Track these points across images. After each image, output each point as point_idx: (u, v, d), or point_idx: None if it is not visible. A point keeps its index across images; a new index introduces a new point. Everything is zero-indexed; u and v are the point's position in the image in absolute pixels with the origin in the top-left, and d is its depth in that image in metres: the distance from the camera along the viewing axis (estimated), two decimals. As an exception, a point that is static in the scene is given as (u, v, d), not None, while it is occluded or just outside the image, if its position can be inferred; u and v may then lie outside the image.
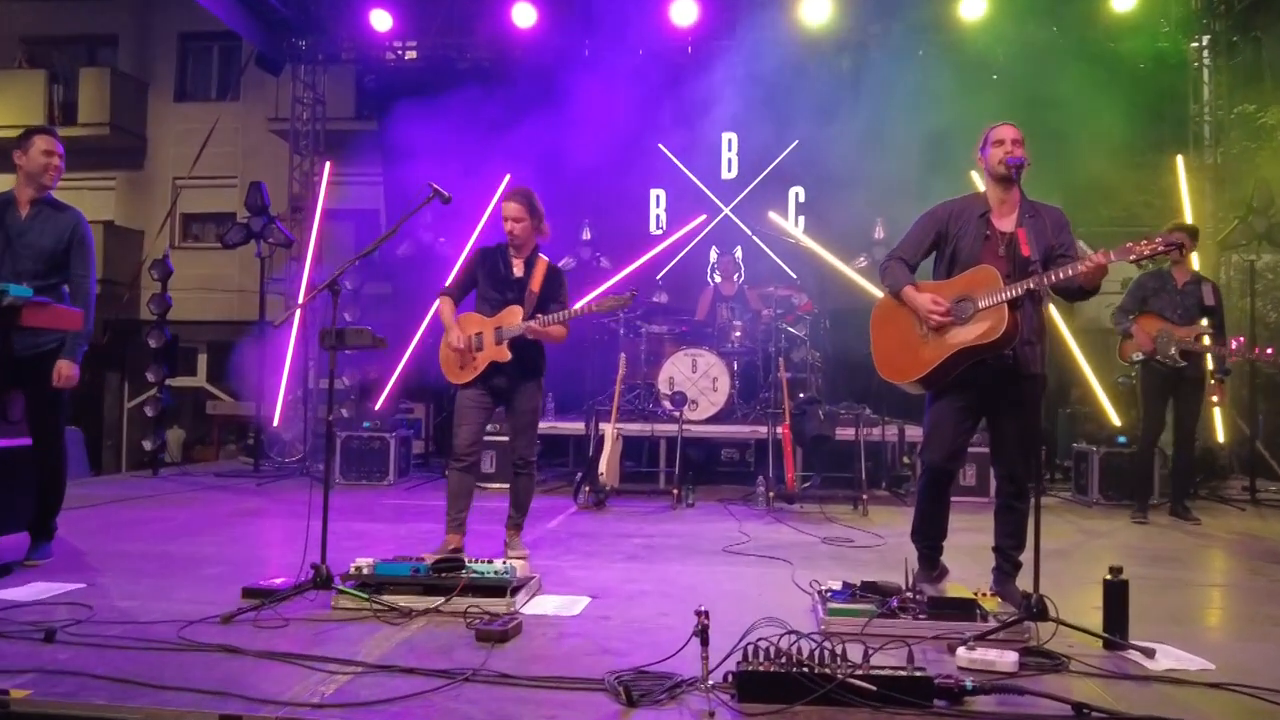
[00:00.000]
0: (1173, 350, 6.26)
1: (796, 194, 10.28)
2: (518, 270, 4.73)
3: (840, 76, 9.58)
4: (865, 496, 6.79)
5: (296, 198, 10.92)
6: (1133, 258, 3.49)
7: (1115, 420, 7.87)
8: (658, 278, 9.81)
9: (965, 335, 3.73)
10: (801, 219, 10.22)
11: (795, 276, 9.73)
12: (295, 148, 10.97)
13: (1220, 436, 8.52)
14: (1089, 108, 8.88)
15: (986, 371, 3.78)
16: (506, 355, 4.61)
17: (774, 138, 9.99)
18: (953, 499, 4.10)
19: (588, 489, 6.85)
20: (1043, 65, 9.19)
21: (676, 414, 7.57)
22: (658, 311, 8.95)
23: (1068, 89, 8.84)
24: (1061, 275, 3.60)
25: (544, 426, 8.13)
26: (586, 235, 9.49)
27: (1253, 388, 8.21)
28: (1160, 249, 3.44)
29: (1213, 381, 6.45)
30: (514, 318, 4.62)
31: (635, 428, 7.75)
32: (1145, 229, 8.88)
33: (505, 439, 7.83)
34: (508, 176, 9.34)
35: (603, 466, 6.79)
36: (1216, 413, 8.50)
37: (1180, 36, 9.79)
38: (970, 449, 6.75)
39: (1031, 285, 3.59)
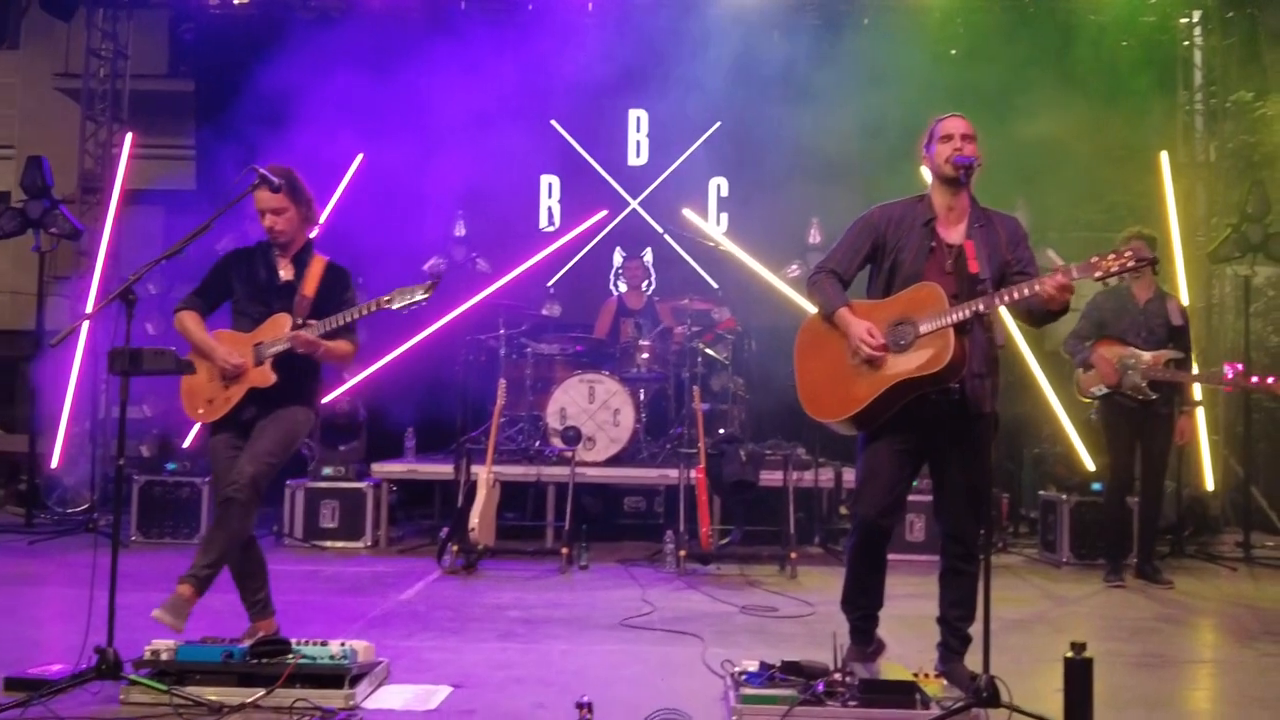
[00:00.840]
0: (1140, 381, 6.54)
1: (718, 186, 10.40)
2: (285, 273, 4.55)
3: (772, 47, 9.77)
4: (794, 555, 6.89)
5: (89, 176, 10.58)
6: (1098, 274, 3.62)
7: (1089, 464, 8.18)
8: (548, 285, 9.75)
9: (904, 365, 3.84)
10: (724, 217, 10.35)
11: (716, 287, 9.84)
12: (89, 112, 10.64)
13: (1210, 483, 8.93)
14: (1064, 91, 9.28)
15: (929, 409, 3.88)
16: (270, 378, 4.39)
17: (692, 118, 10.10)
18: (897, 557, 4.23)
19: (455, 548, 6.80)
20: (1010, 40, 9.55)
21: (569, 454, 7.58)
22: (547, 327, 8.95)
23: (1039, 69, 9.21)
24: (1017, 295, 3.72)
25: (401, 470, 8.06)
26: (460, 231, 9.45)
27: (1248, 423, 8.63)
28: (1131, 264, 3.58)
29: (1181, 414, 6.73)
30: (279, 328, 4.44)
31: (517, 471, 7.73)
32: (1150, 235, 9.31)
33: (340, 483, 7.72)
34: (360, 156, 9.25)
35: (474, 520, 6.75)
36: (1206, 455, 8.91)
37: (1168, 10, 10.32)
38: (916, 497, 7.00)
39: (981, 308, 3.71)
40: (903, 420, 3.90)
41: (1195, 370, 7.18)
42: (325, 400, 8.16)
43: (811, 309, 4.21)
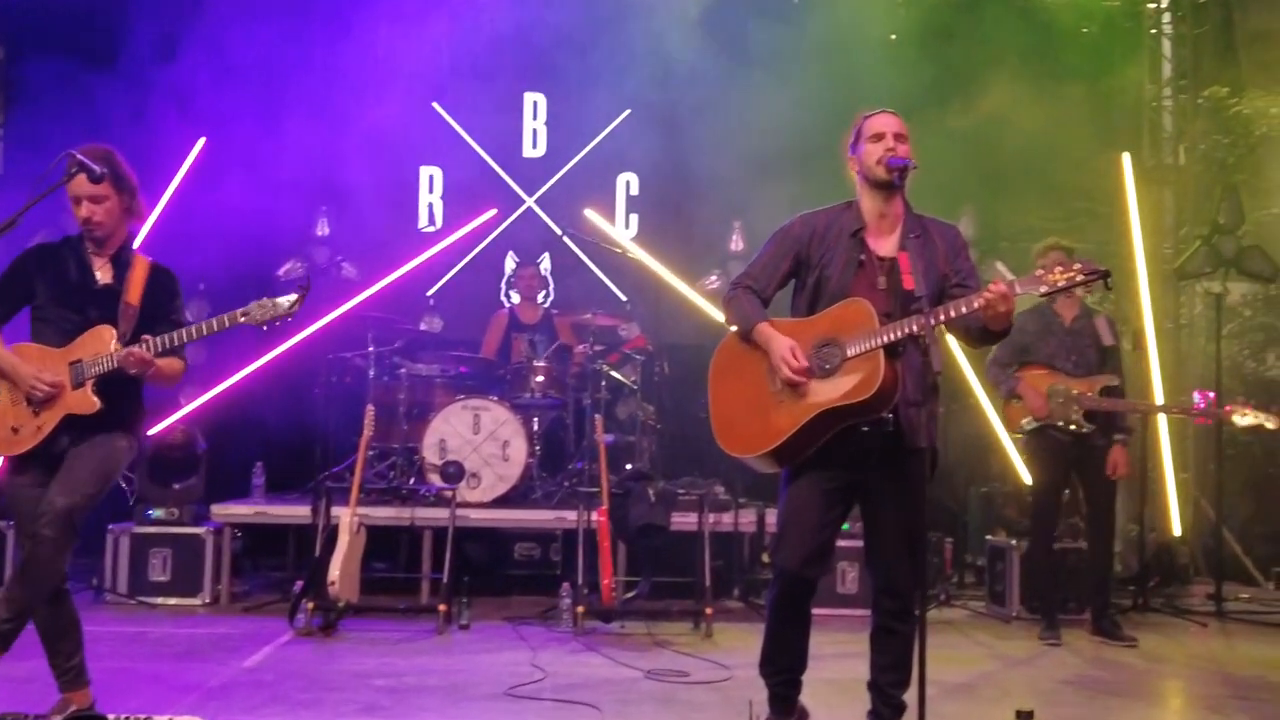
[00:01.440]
0: (1074, 412, 6.73)
1: (627, 183, 10.46)
2: (102, 275, 4.46)
3: (690, 27, 9.88)
4: (709, 611, 6.90)
5: None
6: (1044, 289, 3.72)
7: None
8: (427, 295, 9.72)
9: (829, 392, 3.91)
10: (634, 219, 10.41)
11: (624, 299, 9.89)
12: None
13: (1178, 527, 9.21)
14: (1017, 83, 9.52)
15: (860, 441, 3.95)
16: (93, 403, 4.28)
17: (599, 103, 10.15)
18: (826, 612, 4.29)
19: (311, 606, 6.69)
20: (956, 24, 9.80)
21: (449, 494, 7.53)
22: (426, 344, 8.90)
23: (989, 57, 9.46)
24: (954, 313, 3.82)
25: (248, 512, 7.93)
26: (323, 230, 9.36)
27: (1220, 459, 8.91)
28: (1081, 278, 3.68)
29: (1114, 444, 6.92)
30: (100, 343, 4.32)
31: (387, 514, 7.66)
32: (1093, 244, 9.59)
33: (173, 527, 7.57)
34: (202, 140, 9.10)
35: (334, 572, 6.66)
36: (1173, 496, 9.19)
37: (1134, -8, 10.70)
38: (848, 542, 7.10)
39: (914, 328, 3.80)
40: (830, 455, 3.96)
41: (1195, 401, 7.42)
42: (156, 429, 8.03)
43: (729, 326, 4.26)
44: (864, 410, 3.87)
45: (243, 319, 4.21)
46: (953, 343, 8.75)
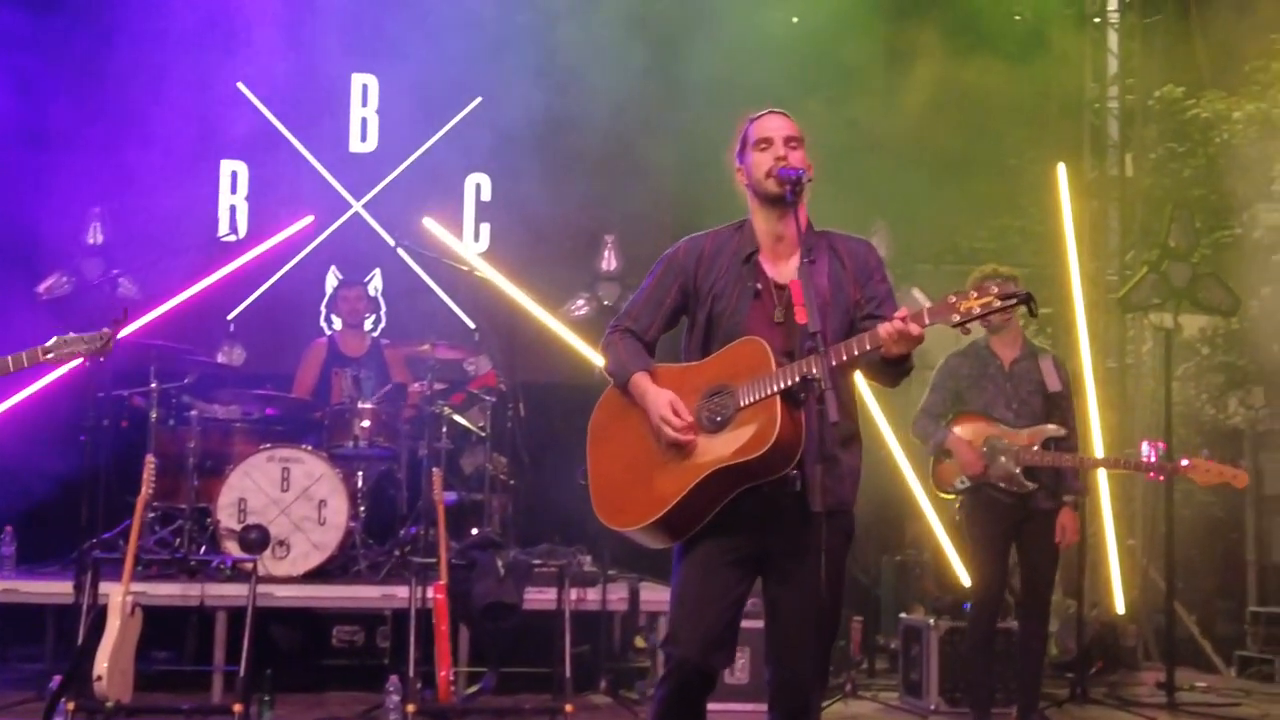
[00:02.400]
0: (1013, 468, 6.81)
1: (477, 186, 10.43)
2: None
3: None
4: (570, 708, 6.85)
5: None
6: (956, 319, 3.75)
7: (964, 578, 8.49)
8: (228, 319, 9.57)
9: (721, 449, 3.90)
10: (485, 229, 10.38)
11: (472, 328, 9.82)
12: None
13: (1122, 604, 9.37)
14: (940, 79, 9.72)
15: (762, 504, 3.94)
16: None
17: (443, 88, 10.10)
18: (715, 706, 4.23)
19: (71, 706, 6.48)
20: (871, 8, 9.95)
21: (249, 565, 7.33)
22: (224, 380, 8.75)
23: (907, 48, 9.64)
24: (856, 351, 3.84)
25: (-4, 590, 7.67)
26: (96, 237, 9.15)
27: (1172, 523, 9.08)
28: (998, 305, 3.71)
29: (1063, 507, 7.02)
30: None
31: (170, 592, 7.48)
32: (1027, 268, 9.76)
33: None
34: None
35: (101, 664, 6.45)
36: (1115, 566, 9.35)
37: (1075, -23, 10.99)
38: (745, 623, 7.08)
39: (810, 371, 3.78)
40: (731, 522, 3.95)
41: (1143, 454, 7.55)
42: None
43: (601, 360, 4.26)
44: (761, 469, 3.85)
45: (46, 357, 4.13)
46: (862, 385, 8.89)
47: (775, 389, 3.84)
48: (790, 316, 3.96)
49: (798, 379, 3.80)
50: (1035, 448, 6.73)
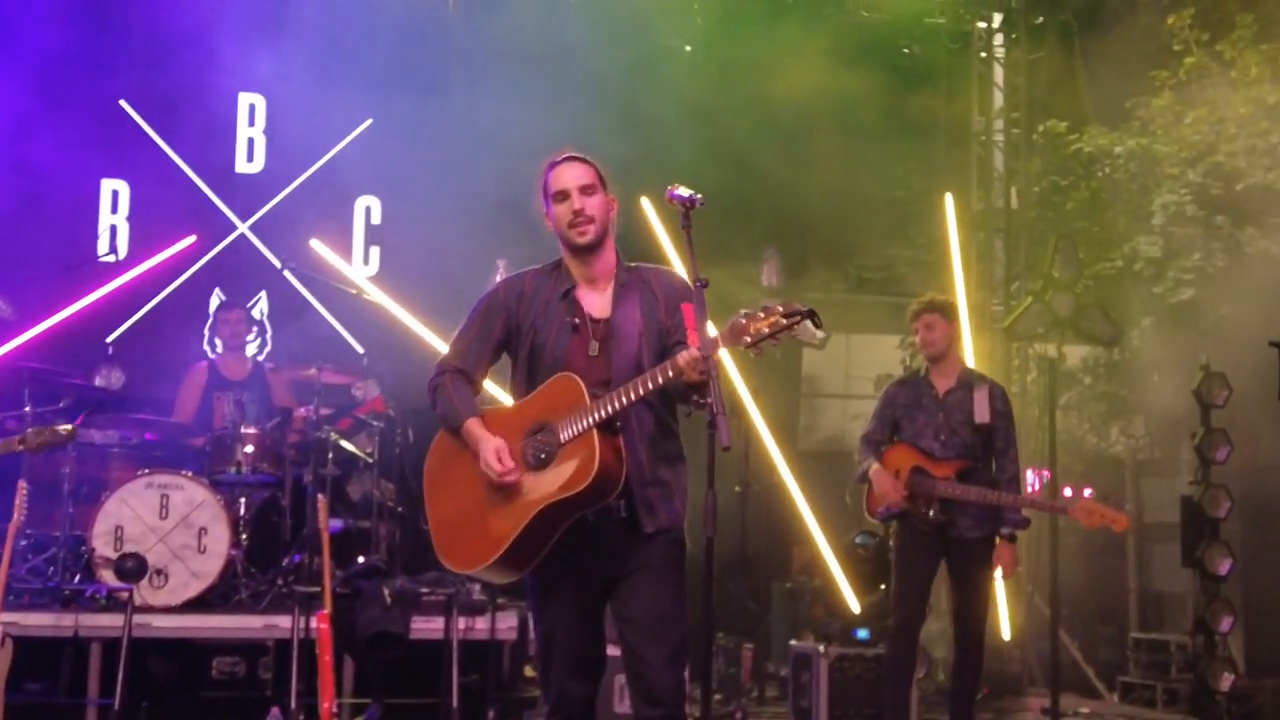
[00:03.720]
0: (931, 499, 6.79)
1: (367, 209, 10.41)
2: None
3: (446, 22, 9.84)
4: (458, 739, 6.81)
5: None
6: (748, 339, 3.78)
7: (854, 604, 8.49)
8: (107, 342, 9.40)
9: (546, 486, 4.00)
10: (374, 252, 10.35)
11: (361, 352, 9.77)
12: None
13: (1007, 631, 9.46)
14: (828, 109, 9.77)
15: (590, 533, 4.02)
16: None
17: (332, 108, 10.08)
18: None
19: (-72, 744, 6.23)
20: (761, 38, 10.01)
21: (125, 595, 7.13)
22: (102, 404, 8.55)
23: (797, 78, 9.67)
24: (651, 385, 3.90)
25: None
26: (-32, 257, 8.90)
27: (1054, 550, 9.14)
28: (783, 324, 3.74)
29: (1000, 540, 7.02)
30: None
31: (43, 621, 7.29)
32: (913, 298, 9.82)
33: None
34: None
35: (-31, 697, 6.22)
36: (1001, 594, 9.43)
37: (961, 11, 11.11)
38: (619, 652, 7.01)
39: (616, 405, 3.90)
40: (569, 552, 4.04)
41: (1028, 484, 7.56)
42: None
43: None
44: (587, 500, 3.96)
45: (19, 446, 4.14)
46: (753, 410, 8.88)
47: (591, 422, 3.93)
48: (606, 349, 4.13)
49: (608, 413, 3.92)
50: (951, 479, 6.72)
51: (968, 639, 6.92)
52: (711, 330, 3.83)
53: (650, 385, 3.88)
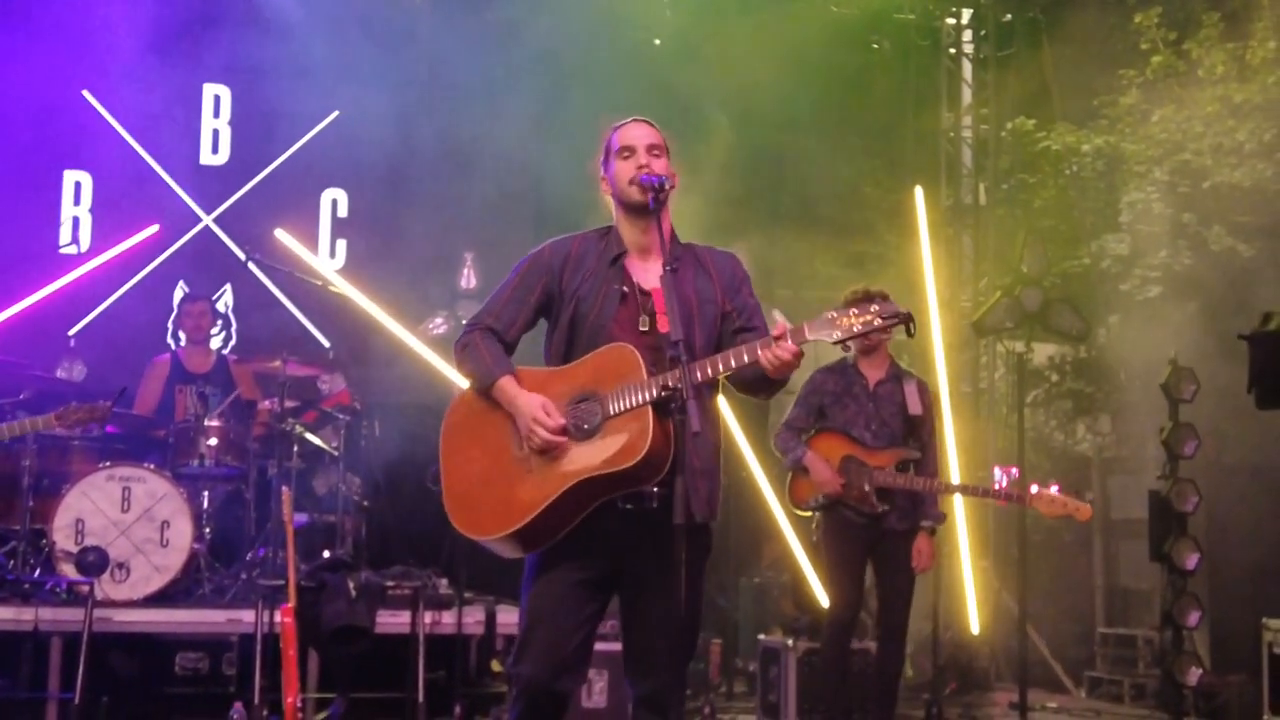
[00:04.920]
0: (866, 488, 6.79)
1: (334, 202, 10.36)
2: None
3: (415, 16, 9.82)
4: (425, 734, 6.77)
5: None
6: (838, 335, 3.73)
7: (823, 598, 8.45)
8: (69, 335, 9.35)
9: (589, 458, 3.83)
10: (341, 245, 10.31)
11: (327, 345, 9.76)
12: None
13: (976, 625, 9.47)
14: (795, 102, 9.76)
15: (617, 521, 3.87)
16: None
17: (298, 101, 9.98)
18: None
19: (-108, 738, 6.15)
20: (731, 33, 10.00)
21: (86, 588, 7.10)
22: (62, 396, 8.35)
23: (763, 70, 9.65)
24: (733, 362, 3.79)
25: None
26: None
27: (1025, 547, 9.20)
28: (879, 322, 3.72)
29: (920, 531, 7.00)
30: None
31: (3, 615, 7.21)
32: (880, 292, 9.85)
33: None
34: None
35: (-75, 692, 6.15)
36: (970, 589, 9.45)
37: (930, 7, 11.13)
38: (599, 645, 6.97)
39: (671, 383, 3.71)
40: (584, 538, 3.89)
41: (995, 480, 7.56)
42: None
43: (463, 382, 4.15)
44: (629, 479, 3.80)
45: (56, 423, 4.06)
46: (723, 405, 8.83)
47: (646, 398, 3.78)
48: (655, 324, 3.97)
49: (665, 389, 3.74)
50: (890, 469, 6.71)
51: (895, 631, 6.93)
52: (778, 316, 3.76)
53: (721, 368, 3.79)
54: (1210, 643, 9.36)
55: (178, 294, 9.94)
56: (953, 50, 11.30)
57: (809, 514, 7.01)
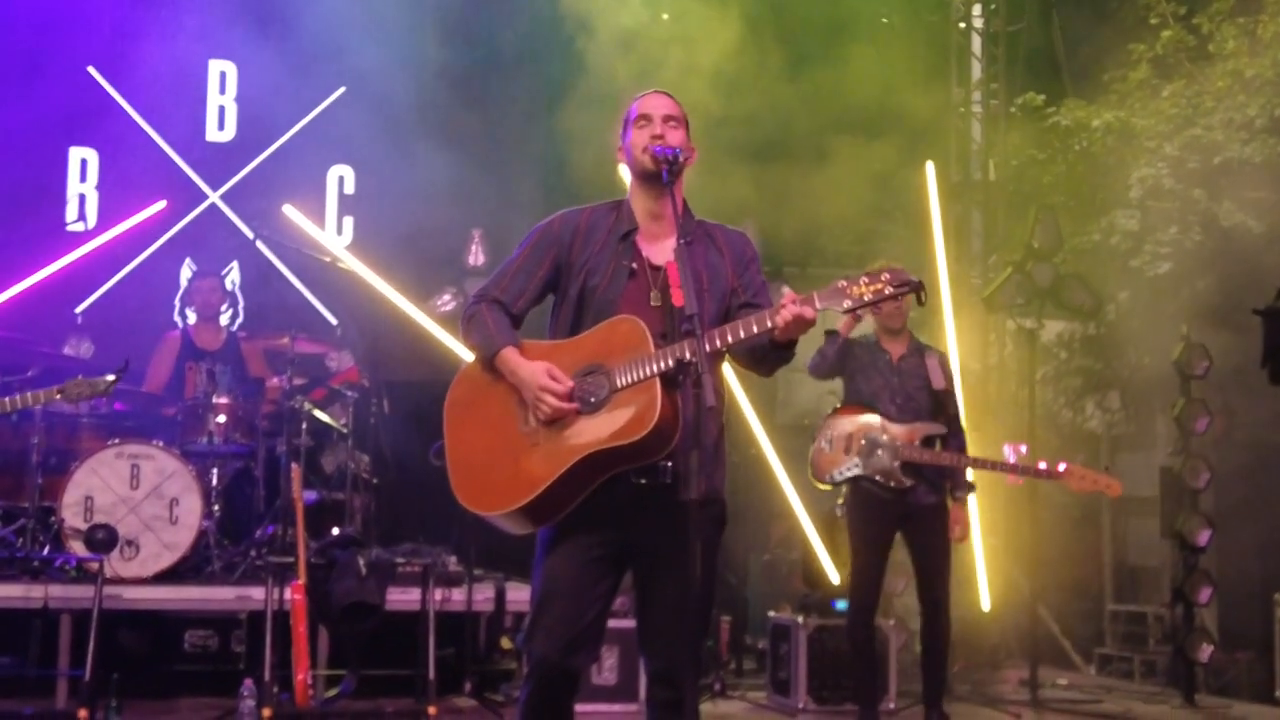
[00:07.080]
0: (891, 463, 6.77)
1: (340, 179, 10.36)
2: None
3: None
4: (434, 710, 6.78)
5: None
6: (848, 304, 3.73)
7: (833, 575, 8.46)
8: (76, 312, 9.38)
9: (597, 431, 3.81)
10: (348, 222, 10.30)
11: (335, 323, 9.76)
12: None
13: (986, 602, 9.46)
14: (804, 81, 9.70)
15: (628, 494, 3.85)
16: None
17: (304, 77, 9.96)
18: (583, 707, 4.19)
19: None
20: (730, 6, 9.91)
21: (95, 566, 7.08)
22: (71, 373, 8.33)
23: (772, 49, 9.62)
24: (742, 334, 3.79)
25: None
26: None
27: (1034, 523, 9.21)
28: (889, 291, 3.71)
29: (954, 502, 6.99)
30: None
31: (12, 593, 7.24)
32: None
33: None
34: None
35: (-64, 669, 6.17)
36: (980, 566, 9.44)
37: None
38: (611, 622, 6.97)
39: (685, 354, 3.71)
40: (596, 512, 3.87)
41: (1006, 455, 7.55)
42: None
43: (469, 356, 4.13)
44: (637, 453, 3.78)
45: (59, 396, 4.07)
46: (733, 383, 8.82)
47: (656, 370, 3.77)
48: (667, 298, 3.95)
49: (677, 361, 3.75)
50: (915, 443, 6.70)
51: (937, 607, 6.92)
52: (786, 290, 3.75)
53: (733, 338, 3.77)
54: (1220, 619, 9.38)
55: (185, 271, 9.93)
56: (962, 24, 11.23)
57: (829, 488, 7.00)
